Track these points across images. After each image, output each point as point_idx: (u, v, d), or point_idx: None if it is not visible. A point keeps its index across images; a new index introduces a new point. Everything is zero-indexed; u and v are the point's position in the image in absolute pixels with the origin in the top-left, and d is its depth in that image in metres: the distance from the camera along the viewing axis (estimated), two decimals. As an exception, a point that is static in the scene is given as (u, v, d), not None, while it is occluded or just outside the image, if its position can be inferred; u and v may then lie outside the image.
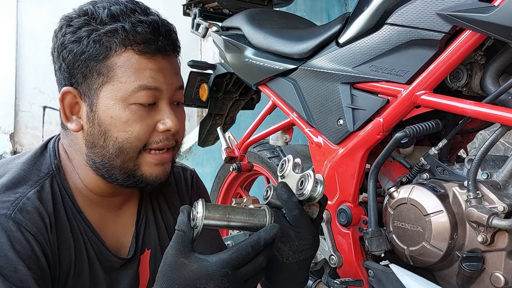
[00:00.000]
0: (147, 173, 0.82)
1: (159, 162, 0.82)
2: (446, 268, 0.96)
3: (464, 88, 0.95)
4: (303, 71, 1.19)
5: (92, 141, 0.80)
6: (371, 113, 1.03)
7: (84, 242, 0.83)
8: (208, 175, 2.63)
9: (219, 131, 1.64)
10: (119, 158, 0.79)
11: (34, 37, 4.08)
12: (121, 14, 0.78)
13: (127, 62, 0.77)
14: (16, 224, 0.72)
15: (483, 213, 0.84)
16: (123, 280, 0.89)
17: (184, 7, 1.75)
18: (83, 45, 0.77)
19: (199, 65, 1.69)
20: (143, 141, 0.79)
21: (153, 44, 0.78)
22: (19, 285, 0.70)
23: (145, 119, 0.79)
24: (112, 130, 0.78)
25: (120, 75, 0.77)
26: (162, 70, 0.80)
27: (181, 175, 1.05)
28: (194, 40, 4.21)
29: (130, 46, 0.77)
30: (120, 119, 0.78)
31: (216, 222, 0.67)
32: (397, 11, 0.95)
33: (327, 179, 1.15)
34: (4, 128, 4.10)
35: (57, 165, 0.84)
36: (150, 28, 0.78)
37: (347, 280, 1.09)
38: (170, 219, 1.00)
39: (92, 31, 0.77)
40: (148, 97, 0.78)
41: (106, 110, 0.78)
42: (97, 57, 0.77)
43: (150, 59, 0.78)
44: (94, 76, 0.78)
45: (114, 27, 0.77)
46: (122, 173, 0.81)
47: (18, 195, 0.75)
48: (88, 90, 0.79)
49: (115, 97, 0.78)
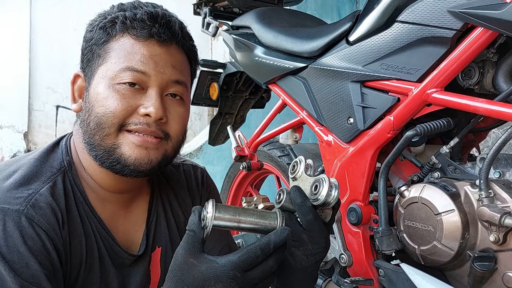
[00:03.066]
0: (126, 153, 0.80)
1: (141, 144, 0.80)
2: (457, 267, 0.95)
3: (476, 86, 0.94)
4: (313, 70, 1.19)
5: (82, 119, 0.84)
6: (381, 111, 1.02)
7: (95, 238, 0.84)
8: (219, 174, 2.64)
9: (229, 130, 1.65)
10: (97, 133, 0.80)
11: (47, 37, 4.14)
12: (130, 7, 0.84)
13: (122, 46, 0.81)
14: (28, 220, 0.73)
15: (495, 212, 0.83)
16: (134, 277, 0.90)
17: (195, 6, 1.76)
18: (93, 32, 0.84)
19: (209, 64, 1.70)
20: (119, 118, 0.79)
21: (147, 29, 0.81)
22: (30, 280, 0.71)
23: (126, 99, 0.79)
24: (95, 106, 0.81)
25: (113, 56, 0.81)
26: (154, 57, 0.81)
27: (191, 173, 1.06)
28: (205, 39, 4.23)
29: (127, 31, 0.82)
30: (102, 95, 0.80)
31: (226, 223, 0.67)
32: (408, 8, 0.94)
33: (337, 178, 1.14)
34: (18, 127, 4.16)
35: (69, 162, 0.85)
36: (148, 15, 0.82)
37: (357, 279, 1.08)
38: (180, 217, 1.00)
39: (102, 21, 0.84)
40: (132, 78, 0.79)
41: (95, 87, 0.82)
42: (99, 41, 0.83)
43: (143, 44, 0.81)
44: (95, 59, 0.83)
45: (117, 15, 0.83)
46: (102, 150, 0.81)
47: (31, 191, 0.76)
48: (89, 72, 0.84)
49: (104, 76, 0.81)
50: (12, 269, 0.70)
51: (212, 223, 0.66)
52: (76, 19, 4.20)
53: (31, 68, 4.19)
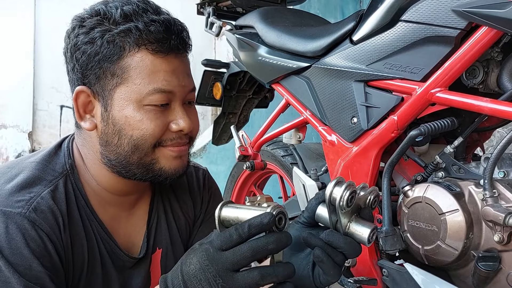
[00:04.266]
0: (166, 167, 0.83)
1: (177, 155, 0.84)
2: (461, 267, 0.94)
3: (481, 86, 0.93)
4: (316, 69, 1.19)
5: (106, 140, 0.81)
6: (385, 111, 1.02)
7: (97, 241, 0.84)
8: (222, 173, 2.65)
9: (232, 130, 1.65)
10: (135, 154, 0.81)
11: (51, 37, 4.15)
12: (134, 14, 0.78)
13: (141, 63, 0.78)
14: (30, 223, 0.73)
15: (500, 212, 0.83)
16: (135, 279, 0.90)
17: (198, 6, 1.76)
18: (97, 46, 0.77)
19: (213, 64, 1.70)
20: (157, 138, 0.81)
21: (166, 43, 0.79)
22: (34, 282, 0.71)
23: (159, 118, 0.80)
24: (127, 129, 0.79)
25: (134, 77, 0.78)
26: (175, 72, 0.81)
27: (193, 174, 1.05)
28: (208, 39, 4.23)
29: (144, 46, 0.78)
30: (134, 118, 0.79)
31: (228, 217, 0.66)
32: (412, 7, 0.94)
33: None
34: (23, 126, 4.18)
35: (71, 165, 0.85)
36: (163, 27, 0.79)
37: (360, 279, 1.08)
38: (181, 219, 1.00)
39: (106, 32, 0.77)
40: (162, 99, 0.79)
41: (120, 110, 0.79)
42: (111, 58, 0.78)
43: (163, 59, 0.79)
44: (108, 77, 0.79)
45: (127, 27, 0.77)
46: (140, 168, 0.82)
47: (32, 195, 0.76)
48: (102, 90, 0.80)
49: (130, 98, 0.78)
50: (16, 271, 0.70)
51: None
52: (80, 19, 4.20)
53: (36, 68, 4.21)
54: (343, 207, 0.66)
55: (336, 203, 0.66)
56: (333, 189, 0.66)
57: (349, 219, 0.68)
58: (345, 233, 0.68)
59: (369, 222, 0.69)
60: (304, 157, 1.50)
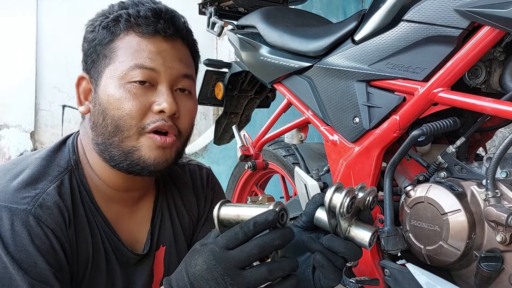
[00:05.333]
0: (145, 156, 0.81)
1: (160, 145, 0.81)
2: (463, 268, 0.94)
3: (483, 85, 0.93)
4: (318, 69, 1.19)
5: (93, 121, 0.83)
6: (387, 111, 1.02)
7: (101, 237, 0.85)
8: (224, 173, 2.65)
9: (234, 130, 1.65)
10: (116, 136, 0.80)
11: (53, 37, 4.15)
12: (131, 4, 0.84)
13: (128, 44, 0.81)
14: (36, 220, 0.73)
15: (502, 212, 0.83)
16: (138, 276, 0.91)
17: (200, 6, 1.76)
18: (95, 33, 0.83)
19: (214, 64, 1.70)
20: (137, 119, 0.79)
21: (152, 25, 0.81)
22: (38, 279, 0.71)
23: (139, 98, 0.79)
24: (109, 108, 0.80)
25: (120, 55, 0.81)
26: (162, 53, 0.82)
27: (196, 173, 1.06)
28: (210, 39, 4.23)
29: (132, 28, 0.82)
30: (114, 97, 0.80)
31: (228, 216, 0.66)
32: (414, 7, 0.94)
33: (343, 178, 1.14)
34: (25, 126, 4.18)
35: (75, 161, 0.85)
36: (152, 12, 0.82)
37: (362, 279, 1.08)
38: (185, 217, 1.00)
39: (103, 20, 0.84)
40: (142, 76, 0.79)
41: (104, 89, 0.81)
42: (103, 41, 0.82)
43: (149, 41, 0.81)
44: (100, 59, 0.83)
45: (119, 13, 0.83)
46: (120, 152, 0.81)
47: (38, 191, 0.77)
48: (96, 73, 0.83)
49: (113, 76, 0.80)
50: (20, 268, 0.70)
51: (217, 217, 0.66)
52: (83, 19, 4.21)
53: (38, 68, 4.21)
54: (344, 213, 0.65)
55: (337, 210, 0.65)
56: (332, 195, 0.66)
57: (349, 223, 0.68)
58: (346, 237, 0.68)
59: (369, 226, 0.69)
60: (306, 157, 1.50)
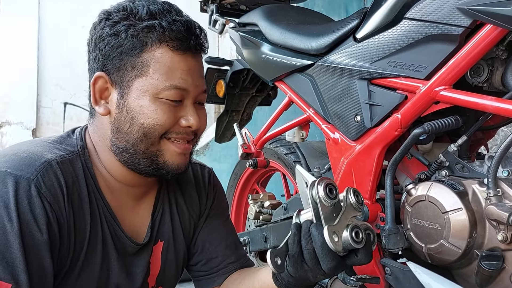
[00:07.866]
0: (169, 161, 0.87)
1: (182, 152, 0.87)
2: (464, 266, 0.94)
3: (485, 84, 0.93)
4: (320, 67, 1.19)
5: (117, 126, 0.85)
6: (389, 109, 1.01)
7: (101, 221, 0.87)
8: (225, 171, 2.64)
9: (235, 127, 1.65)
10: (143, 143, 0.84)
11: (55, 34, 4.15)
12: (159, 13, 0.84)
13: (161, 59, 0.82)
14: (36, 190, 0.76)
15: (503, 211, 0.83)
16: (135, 267, 0.93)
17: (202, 3, 1.76)
18: (121, 39, 0.82)
19: (216, 62, 1.70)
20: (166, 128, 0.85)
21: (186, 42, 0.83)
22: (31, 248, 0.74)
23: (171, 111, 0.84)
24: (139, 117, 0.83)
25: (153, 71, 0.82)
26: (191, 71, 0.85)
27: (199, 172, 1.08)
28: (212, 36, 4.22)
29: (165, 42, 0.82)
30: (149, 108, 0.83)
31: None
32: (416, 5, 0.93)
33: (344, 176, 1.14)
34: (27, 124, 4.19)
35: (82, 147, 0.88)
36: (184, 27, 0.84)
37: (363, 277, 1.08)
38: (185, 213, 1.02)
39: (130, 26, 0.82)
40: (176, 96, 0.84)
41: (136, 99, 0.83)
42: (132, 51, 0.82)
43: (181, 57, 0.84)
44: (128, 69, 0.83)
45: (152, 23, 0.82)
46: (145, 158, 0.86)
47: (43, 160, 0.79)
48: (120, 80, 0.84)
49: (147, 90, 0.83)
50: (18, 235, 0.73)
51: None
52: (84, 16, 4.21)
53: (39, 65, 4.20)
54: (324, 198, 0.69)
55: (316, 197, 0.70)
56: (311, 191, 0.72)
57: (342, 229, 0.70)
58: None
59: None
60: (307, 155, 1.50)
